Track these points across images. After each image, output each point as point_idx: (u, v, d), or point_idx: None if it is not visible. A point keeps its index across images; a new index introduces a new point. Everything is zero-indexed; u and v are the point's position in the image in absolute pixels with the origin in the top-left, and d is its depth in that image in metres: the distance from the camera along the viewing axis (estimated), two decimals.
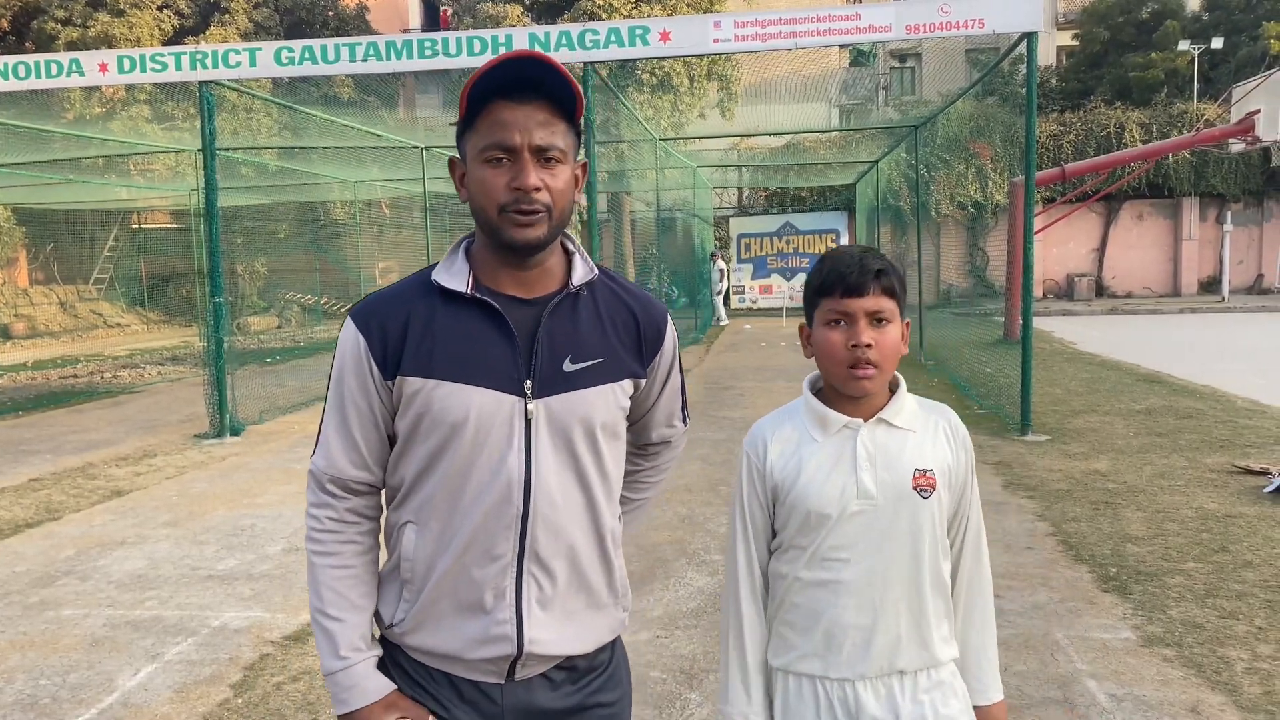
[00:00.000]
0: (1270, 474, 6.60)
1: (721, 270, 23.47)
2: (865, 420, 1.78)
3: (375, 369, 1.64)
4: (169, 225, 27.26)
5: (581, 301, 1.71)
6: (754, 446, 1.87)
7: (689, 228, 23.16)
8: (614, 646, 1.81)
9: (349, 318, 1.70)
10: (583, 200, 1.74)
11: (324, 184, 20.51)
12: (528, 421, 1.62)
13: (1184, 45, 28.05)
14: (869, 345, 1.72)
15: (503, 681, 1.67)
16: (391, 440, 1.70)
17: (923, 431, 1.81)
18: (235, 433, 9.78)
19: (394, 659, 1.71)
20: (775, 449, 1.83)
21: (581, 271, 1.71)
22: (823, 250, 26.63)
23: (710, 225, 26.05)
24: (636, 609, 4.70)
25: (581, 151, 1.72)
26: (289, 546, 5.91)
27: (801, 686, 1.79)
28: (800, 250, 26.86)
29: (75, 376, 15.74)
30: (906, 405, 1.82)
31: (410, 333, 1.63)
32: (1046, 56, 33.33)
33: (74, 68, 9.58)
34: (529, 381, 1.63)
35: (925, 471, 1.76)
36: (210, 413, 9.91)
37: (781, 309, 23.62)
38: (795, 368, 13.91)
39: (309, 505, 1.72)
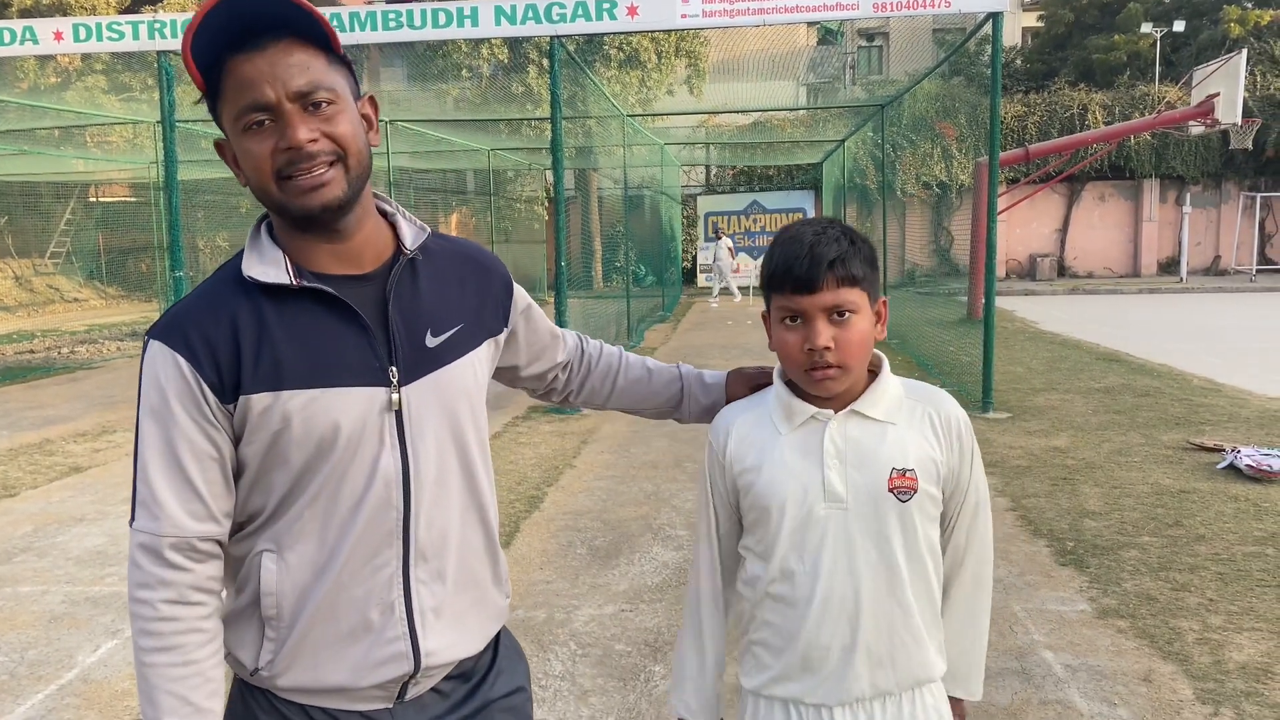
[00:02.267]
0: (1223, 450, 6.74)
1: (730, 249, 23.38)
2: (837, 411, 1.58)
3: (210, 394, 1.34)
4: (128, 198, 26.78)
5: (421, 266, 1.50)
6: (715, 434, 1.70)
7: (656, 205, 23.11)
8: (497, 642, 1.64)
9: (155, 340, 1.37)
10: (376, 140, 1.48)
11: None
12: (398, 413, 1.41)
13: (1147, 28, 28.35)
14: (827, 347, 1.50)
15: (391, 705, 1.47)
16: (237, 474, 1.42)
17: (905, 424, 1.59)
18: None
19: (266, 704, 1.46)
20: (736, 438, 1.65)
21: (412, 233, 1.50)
22: None
23: (678, 203, 26.01)
24: (603, 582, 4.73)
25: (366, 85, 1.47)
26: None
27: (774, 711, 1.62)
28: (767, 229, 26.90)
29: (31, 352, 15.46)
30: (887, 393, 1.60)
31: (243, 342, 1.35)
32: (1012, 37, 33.54)
33: (27, 35, 9.36)
34: (393, 368, 1.41)
35: (904, 471, 1.55)
36: None
37: (749, 287, 23.66)
38: (761, 346, 13.91)
39: (135, 586, 1.35)
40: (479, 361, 1.55)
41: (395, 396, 1.41)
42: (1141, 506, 5.75)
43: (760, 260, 1.67)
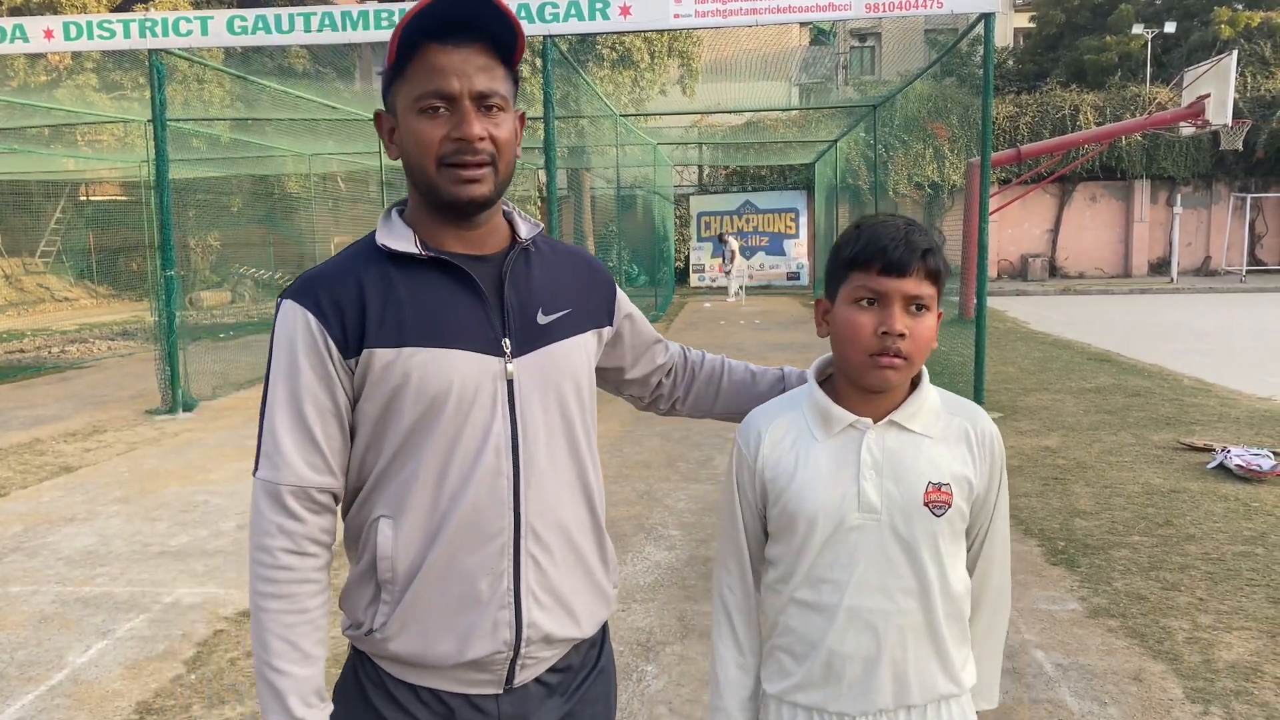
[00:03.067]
0: (1213, 450, 6.77)
1: (733, 251, 23.34)
2: (875, 421, 1.56)
3: (334, 349, 1.44)
4: (119, 197, 26.69)
5: (534, 256, 1.60)
6: (745, 438, 1.66)
7: (649, 205, 23.12)
8: (604, 642, 1.69)
9: (287, 300, 1.47)
10: (519, 152, 1.63)
11: (278, 157, 20.18)
12: (509, 383, 1.49)
13: (1138, 29, 28.44)
14: (902, 334, 1.48)
15: (500, 691, 1.51)
16: (352, 433, 1.50)
17: (942, 437, 1.57)
18: (188, 408, 9.64)
19: (377, 681, 1.52)
20: (768, 442, 1.62)
21: (526, 228, 1.59)
22: (783, 228, 26.94)
23: (671, 203, 26.02)
24: None
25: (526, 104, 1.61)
26: (243, 523, 5.85)
27: (796, 717, 1.61)
28: (760, 229, 26.93)
29: (21, 351, 15.39)
30: (926, 405, 1.58)
31: (369, 301, 1.44)
32: (1004, 38, 33.64)
33: (18, 33, 9.32)
34: (506, 340, 1.49)
35: (940, 485, 1.54)
36: (162, 388, 9.75)
37: (742, 288, 23.67)
38: (753, 346, 13.97)
39: (257, 533, 1.45)
40: (586, 346, 1.61)
41: (509, 367, 1.49)
42: (1132, 506, 5.77)
43: (752, 259, 1.66)
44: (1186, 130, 17.58)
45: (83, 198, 26.83)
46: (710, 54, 22.60)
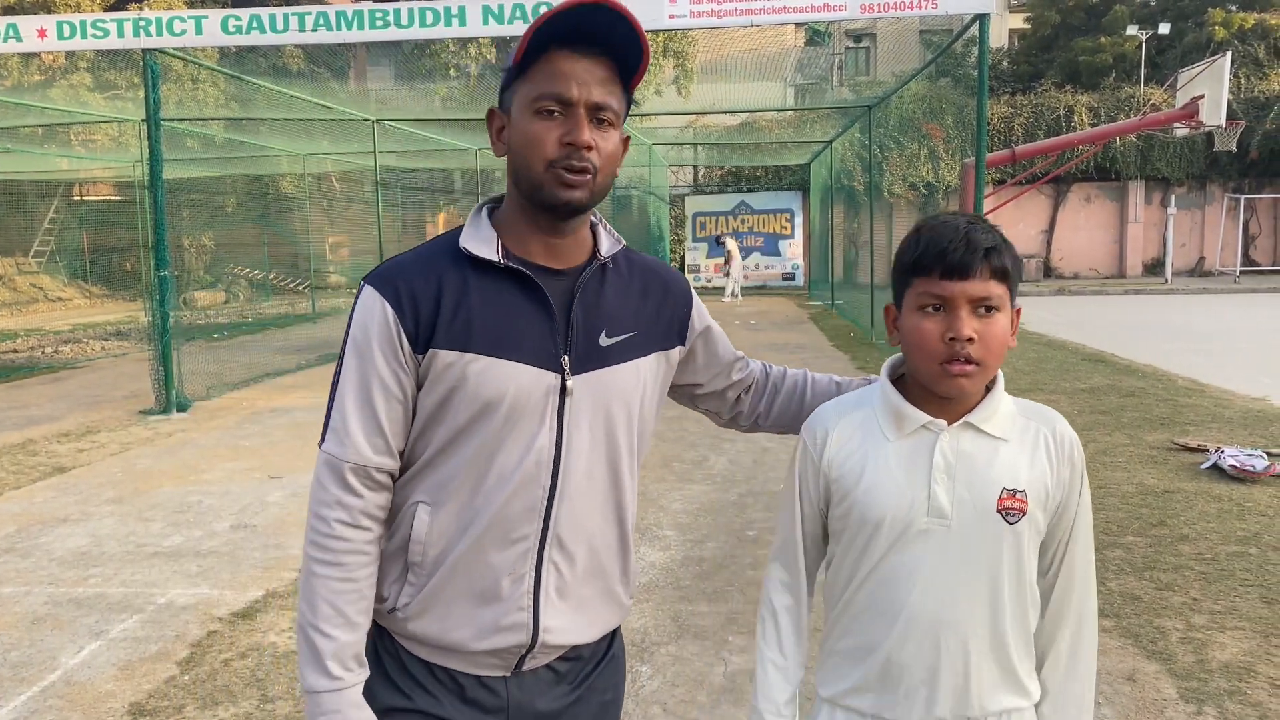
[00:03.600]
0: (1207, 450, 6.79)
1: (730, 252, 23.26)
2: (950, 423, 1.50)
3: (405, 342, 1.49)
4: (112, 197, 26.62)
5: (610, 274, 1.62)
6: (811, 435, 1.62)
7: (644, 205, 23.14)
8: (615, 636, 1.73)
9: (369, 285, 1.53)
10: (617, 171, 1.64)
11: (273, 157, 20.16)
12: (562, 399, 1.52)
13: (1132, 30, 28.52)
14: (970, 339, 1.43)
15: (509, 674, 1.57)
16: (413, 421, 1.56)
17: (1019, 442, 1.51)
18: (182, 409, 9.61)
19: (394, 655, 1.59)
20: (836, 441, 1.58)
21: (608, 243, 1.62)
22: (778, 229, 26.96)
23: (666, 203, 26.04)
24: None
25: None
26: (237, 523, 5.84)
27: None
28: (755, 229, 26.95)
29: (15, 351, 15.35)
30: (1002, 408, 1.53)
31: (443, 303, 1.49)
32: (998, 39, 33.70)
33: (11, 33, 9.29)
34: (566, 357, 1.52)
35: (1015, 492, 1.47)
36: (156, 388, 9.73)
37: (729, 285, 23.67)
38: (749, 346, 13.98)
39: (316, 503, 1.52)
40: (645, 370, 1.63)
41: (565, 383, 1.52)
42: (1126, 506, 5.78)
43: (747, 260, 1.65)
44: (1181, 131, 17.61)
45: (76, 197, 26.77)
46: (705, 54, 22.64)
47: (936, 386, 1.49)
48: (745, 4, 8.52)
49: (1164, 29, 28.34)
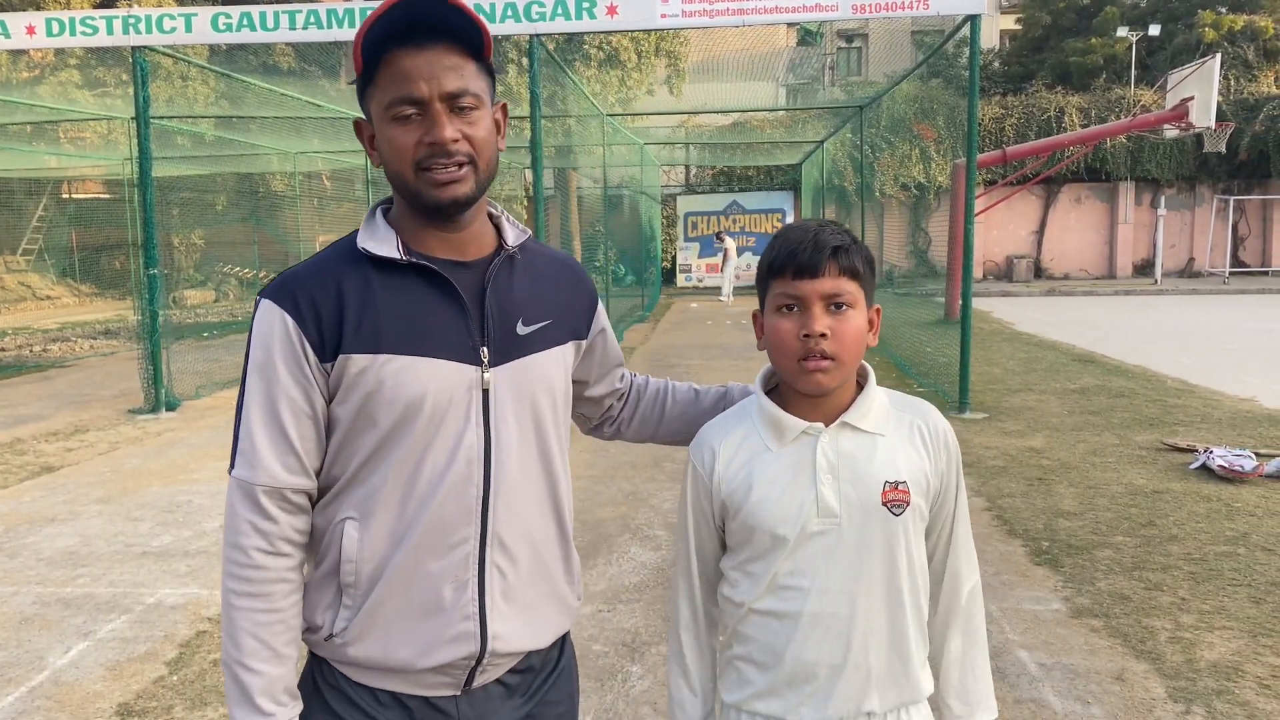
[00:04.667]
0: (1196, 451, 6.81)
1: (728, 251, 23.16)
2: (827, 424, 1.55)
3: (310, 352, 1.43)
4: (101, 195, 26.51)
5: (518, 264, 1.58)
6: (699, 456, 1.64)
7: (636, 205, 23.12)
8: (565, 642, 1.69)
9: (264, 300, 1.46)
10: (503, 145, 1.60)
11: (263, 155, 20.07)
12: (485, 393, 1.48)
13: (1123, 31, 28.59)
14: (824, 335, 1.48)
15: (459, 692, 1.51)
16: (327, 434, 1.50)
17: (894, 435, 1.57)
18: (171, 408, 9.58)
19: (334, 685, 1.51)
20: (723, 458, 1.60)
21: (513, 233, 1.59)
22: (769, 229, 26.95)
23: (658, 203, 26.02)
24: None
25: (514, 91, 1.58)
26: None
27: None
28: (747, 229, 26.97)
29: (2, 350, 15.27)
30: (875, 404, 1.58)
31: (347, 306, 1.43)
32: (990, 40, 33.77)
33: None
34: (484, 349, 1.48)
35: (897, 484, 1.53)
36: (145, 388, 9.69)
37: (724, 285, 23.68)
38: (740, 346, 13.99)
39: (231, 533, 1.44)
40: (564, 358, 1.61)
41: (486, 376, 1.48)
42: (1115, 506, 5.80)
43: (740, 259, 1.65)
44: (1170, 132, 17.70)
45: (65, 195, 26.64)
46: (697, 54, 22.62)
47: (796, 384, 1.54)
48: (737, 4, 8.52)
49: (1154, 30, 28.44)
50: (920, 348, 12.21)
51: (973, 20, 8.41)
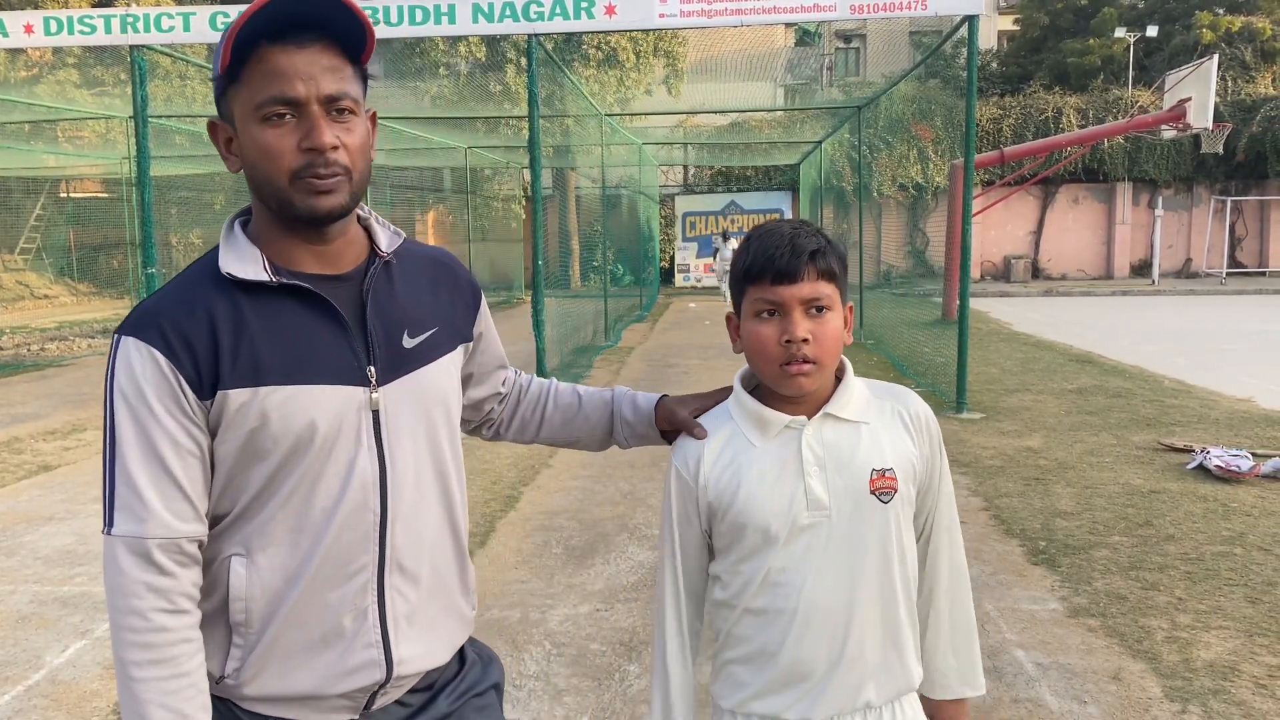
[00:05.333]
0: (1193, 451, 6.82)
1: (734, 249, 23.11)
2: (810, 417, 1.54)
3: (188, 390, 1.31)
4: (100, 194, 26.49)
5: (395, 270, 1.49)
6: (683, 460, 1.62)
7: (634, 205, 23.13)
8: (463, 651, 1.62)
9: (129, 337, 1.33)
10: (374, 155, 1.49)
11: None
12: (375, 414, 1.40)
13: (1120, 32, 28.61)
14: (805, 340, 1.48)
15: (357, 716, 1.45)
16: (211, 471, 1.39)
17: (877, 422, 1.57)
18: None
19: (226, 715, 1.42)
20: (708, 460, 1.59)
21: (387, 237, 1.49)
22: None
23: (656, 203, 26.02)
24: (578, 582, 4.72)
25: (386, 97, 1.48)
26: None
27: None
28: (745, 229, 26.98)
29: (0, 349, 15.26)
30: (856, 394, 1.58)
31: (220, 338, 1.32)
32: (988, 40, 33.79)
33: None
34: (371, 368, 1.40)
35: (884, 471, 1.53)
36: None
37: (722, 286, 23.69)
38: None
39: (120, 596, 1.29)
40: (454, 365, 1.55)
41: (374, 396, 1.40)
42: (1112, 506, 5.80)
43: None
44: (1168, 133, 17.72)
45: (63, 194, 26.61)
46: (695, 54, 22.64)
47: (779, 388, 1.53)
48: (735, 4, 8.53)
49: (1152, 31, 28.45)
50: (918, 348, 12.22)
51: (970, 21, 8.42)
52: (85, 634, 4.21)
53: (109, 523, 1.32)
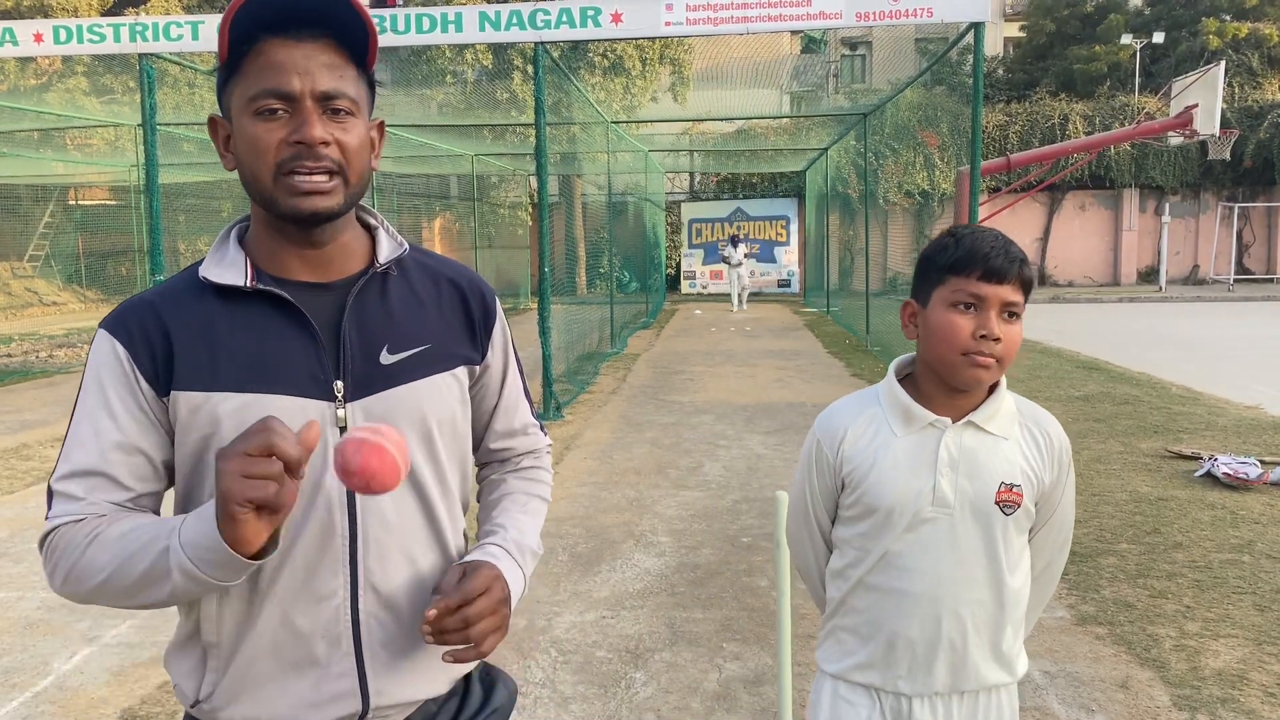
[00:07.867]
0: (1201, 458, 6.80)
1: (743, 255, 22.83)
2: (954, 421, 1.63)
3: (145, 384, 1.29)
4: (108, 201, 26.60)
5: (392, 282, 1.41)
6: (828, 433, 1.73)
7: (641, 212, 23.15)
8: (470, 679, 1.53)
9: (102, 329, 1.33)
10: (377, 165, 1.44)
11: None
12: (342, 430, 1.31)
13: (1126, 39, 28.62)
14: (998, 339, 1.57)
15: None
16: (169, 477, 1.35)
17: (1016, 440, 1.66)
18: None
19: None
20: (851, 438, 1.69)
21: (389, 247, 1.41)
22: (774, 236, 26.97)
23: (662, 210, 26.05)
24: (584, 589, 4.72)
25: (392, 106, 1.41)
26: None
27: (855, 695, 1.70)
28: (751, 236, 26.98)
29: (9, 356, 15.31)
30: (1003, 409, 1.67)
31: (178, 338, 1.30)
32: (994, 47, 33.79)
33: (7, 37, 9.28)
34: (339, 382, 1.32)
35: (1013, 486, 1.62)
36: None
37: (731, 294, 23.70)
38: (744, 353, 13.98)
39: (44, 536, 1.29)
40: (445, 387, 1.43)
41: (340, 412, 1.32)
42: (1120, 514, 5.79)
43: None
44: (1175, 140, 17.68)
45: (72, 202, 26.75)
46: (702, 61, 22.69)
47: (956, 376, 1.60)
48: (742, 12, 8.55)
49: (1158, 38, 28.46)
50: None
51: (976, 28, 8.42)
52: (93, 640, 4.22)
53: (49, 509, 1.31)
